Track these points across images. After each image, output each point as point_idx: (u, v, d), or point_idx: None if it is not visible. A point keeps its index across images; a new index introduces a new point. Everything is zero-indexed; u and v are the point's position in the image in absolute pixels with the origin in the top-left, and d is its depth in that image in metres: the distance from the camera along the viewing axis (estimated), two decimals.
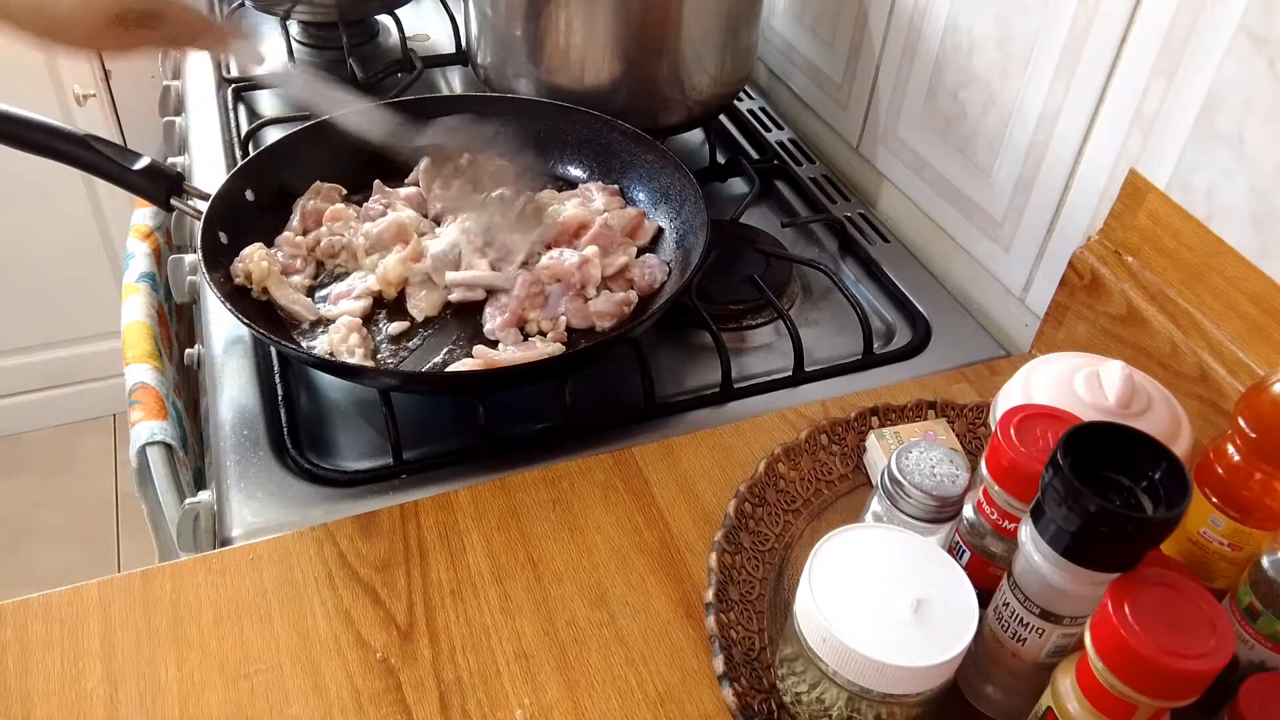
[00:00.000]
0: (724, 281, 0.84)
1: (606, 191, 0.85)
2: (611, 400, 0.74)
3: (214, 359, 0.76)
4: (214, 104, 1.08)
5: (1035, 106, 0.77)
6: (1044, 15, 0.74)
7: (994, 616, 0.50)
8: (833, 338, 0.82)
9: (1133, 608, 0.41)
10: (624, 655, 0.56)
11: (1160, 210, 0.67)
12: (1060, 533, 0.44)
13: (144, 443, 0.77)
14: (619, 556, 0.61)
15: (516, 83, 0.94)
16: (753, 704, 0.52)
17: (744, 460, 0.67)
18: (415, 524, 0.62)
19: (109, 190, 1.43)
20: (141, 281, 0.95)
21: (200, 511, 0.69)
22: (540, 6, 0.88)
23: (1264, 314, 0.61)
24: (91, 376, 1.96)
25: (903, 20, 0.91)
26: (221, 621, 0.56)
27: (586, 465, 0.66)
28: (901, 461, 0.53)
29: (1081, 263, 0.73)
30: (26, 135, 0.73)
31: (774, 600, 0.58)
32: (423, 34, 1.23)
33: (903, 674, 0.45)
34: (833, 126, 1.06)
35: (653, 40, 0.90)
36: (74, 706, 0.52)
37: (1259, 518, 0.50)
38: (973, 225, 0.87)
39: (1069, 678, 0.44)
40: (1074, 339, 0.75)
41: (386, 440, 0.68)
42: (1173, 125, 0.66)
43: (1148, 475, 0.44)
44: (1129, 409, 0.54)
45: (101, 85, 1.61)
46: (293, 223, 0.81)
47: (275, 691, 0.53)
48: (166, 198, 0.76)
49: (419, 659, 0.55)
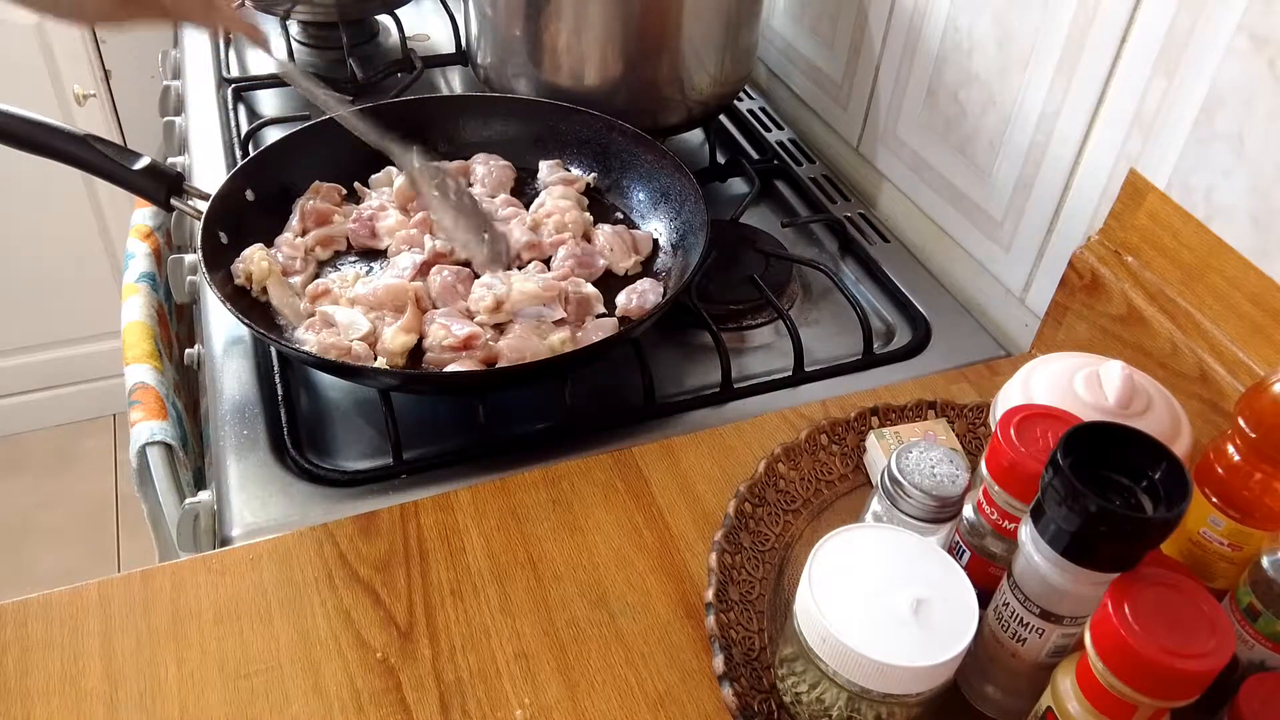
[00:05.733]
0: (724, 281, 0.84)
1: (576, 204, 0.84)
2: (611, 400, 0.74)
3: (214, 359, 0.76)
4: (214, 104, 1.08)
5: (1035, 106, 0.77)
6: (1044, 15, 0.74)
7: (994, 616, 0.50)
8: (833, 338, 0.82)
9: (1133, 608, 0.40)
10: (624, 655, 0.56)
11: (1160, 210, 0.67)
12: (1060, 533, 0.44)
13: (144, 443, 0.77)
14: (619, 556, 0.61)
15: (516, 83, 0.94)
16: (753, 704, 0.52)
17: (744, 460, 0.67)
18: (415, 524, 0.62)
19: (109, 190, 1.43)
20: (141, 281, 0.95)
21: (200, 511, 0.69)
22: (540, 6, 0.88)
23: (1264, 314, 0.61)
24: (91, 376, 1.96)
25: (903, 20, 0.91)
26: (221, 621, 0.56)
27: (586, 465, 0.66)
28: (901, 461, 0.53)
29: (1081, 263, 0.73)
30: (26, 135, 0.73)
31: (774, 600, 0.58)
32: (423, 34, 1.23)
33: (903, 674, 0.45)
34: (833, 126, 1.06)
35: (653, 40, 0.90)
36: (74, 706, 0.52)
37: (1259, 518, 0.50)
38: (973, 225, 0.87)
39: (1069, 678, 0.44)
40: (1074, 339, 0.75)
41: (386, 440, 0.68)
42: (1173, 125, 0.66)
43: (1148, 475, 0.44)
44: (1129, 409, 0.54)
45: (101, 85, 1.61)
46: (292, 223, 0.81)
47: (275, 691, 0.53)
48: (166, 198, 0.76)
49: (419, 659, 0.55)
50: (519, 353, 0.70)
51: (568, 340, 0.72)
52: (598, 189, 0.89)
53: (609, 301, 0.78)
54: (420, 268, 0.77)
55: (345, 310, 0.74)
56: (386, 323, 0.72)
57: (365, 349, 0.71)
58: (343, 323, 0.72)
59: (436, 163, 0.80)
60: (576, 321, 0.75)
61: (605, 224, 0.84)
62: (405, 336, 0.71)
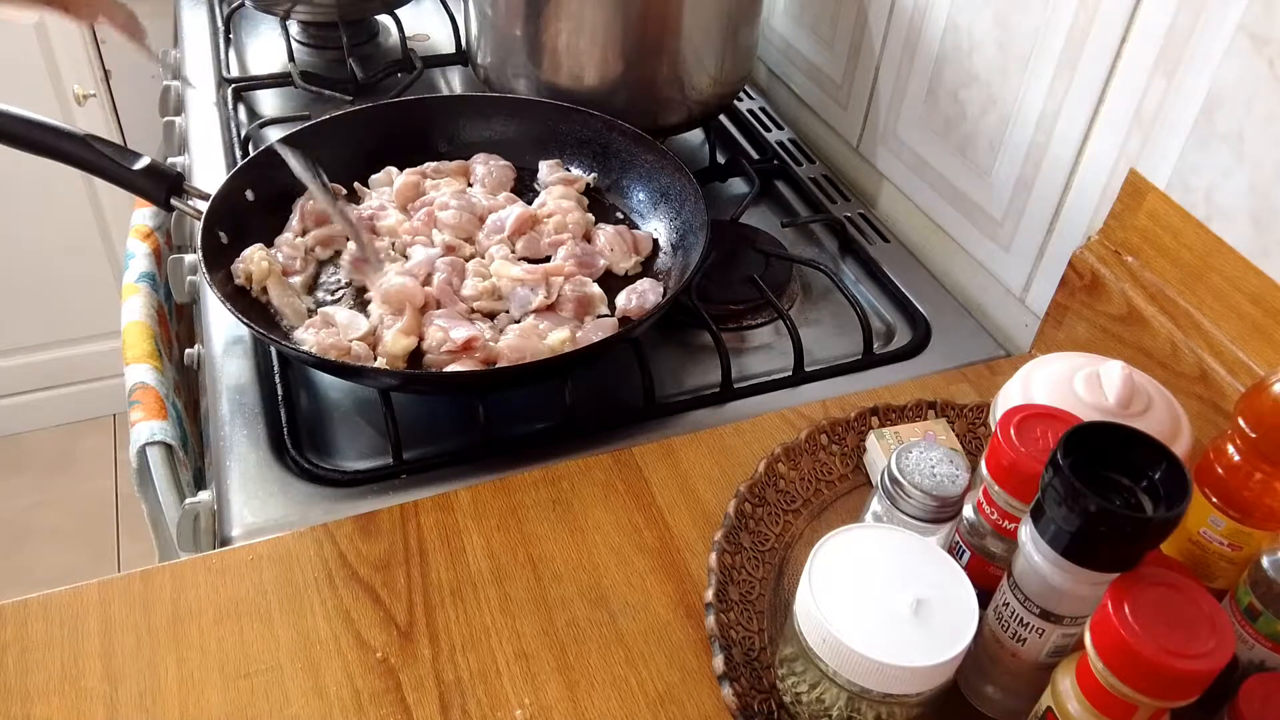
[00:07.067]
0: (724, 281, 0.84)
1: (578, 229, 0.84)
2: (611, 400, 0.74)
3: (214, 359, 0.76)
4: (214, 104, 1.08)
5: (1035, 106, 0.77)
6: (1044, 15, 0.74)
7: (994, 616, 0.50)
8: (833, 338, 0.82)
9: (1133, 608, 0.40)
10: (624, 655, 0.56)
11: (1160, 210, 0.67)
12: (1060, 533, 0.44)
13: (144, 443, 0.77)
14: (619, 556, 0.61)
15: (516, 83, 0.94)
16: (753, 704, 0.52)
17: (744, 460, 0.67)
18: (415, 524, 0.62)
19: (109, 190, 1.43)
20: (141, 281, 0.95)
21: (200, 511, 0.69)
22: (540, 6, 0.88)
23: (1264, 314, 0.61)
24: (91, 376, 1.96)
25: (903, 20, 0.91)
26: (221, 621, 0.56)
27: (586, 465, 0.66)
28: (901, 461, 0.53)
29: (1081, 263, 0.73)
30: (26, 135, 0.73)
31: (774, 600, 0.58)
32: (423, 34, 1.23)
33: (903, 674, 0.45)
34: (833, 126, 1.06)
35: (653, 40, 0.90)
36: (74, 706, 0.52)
37: (1259, 518, 0.50)
38: (973, 225, 0.87)
39: (1069, 678, 0.44)
40: (1074, 339, 0.75)
41: (386, 440, 0.68)
42: (1173, 125, 0.66)
43: (1148, 475, 0.44)
44: (1129, 409, 0.54)
45: (101, 85, 1.61)
46: (292, 223, 0.81)
47: (275, 691, 0.53)
48: (166, 198, 0.76)
49: (419, 659, 0.55)
50: (519, 353, 0.70)
51: (568, 340, 0.72)
52: (598, 189, 0.89)
53: (609, 301, 0.78)
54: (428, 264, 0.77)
55: (345, 310, 0.74)
56: (386, 325, 0.72)
57: (365, 349, 0.71)
58: (343, 323, 0.72)
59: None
60: (577, 321, 0.75)
61: (605, 224, 0.84)
62: (406, 339, 0.71)
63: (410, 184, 0.85)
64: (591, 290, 0.77)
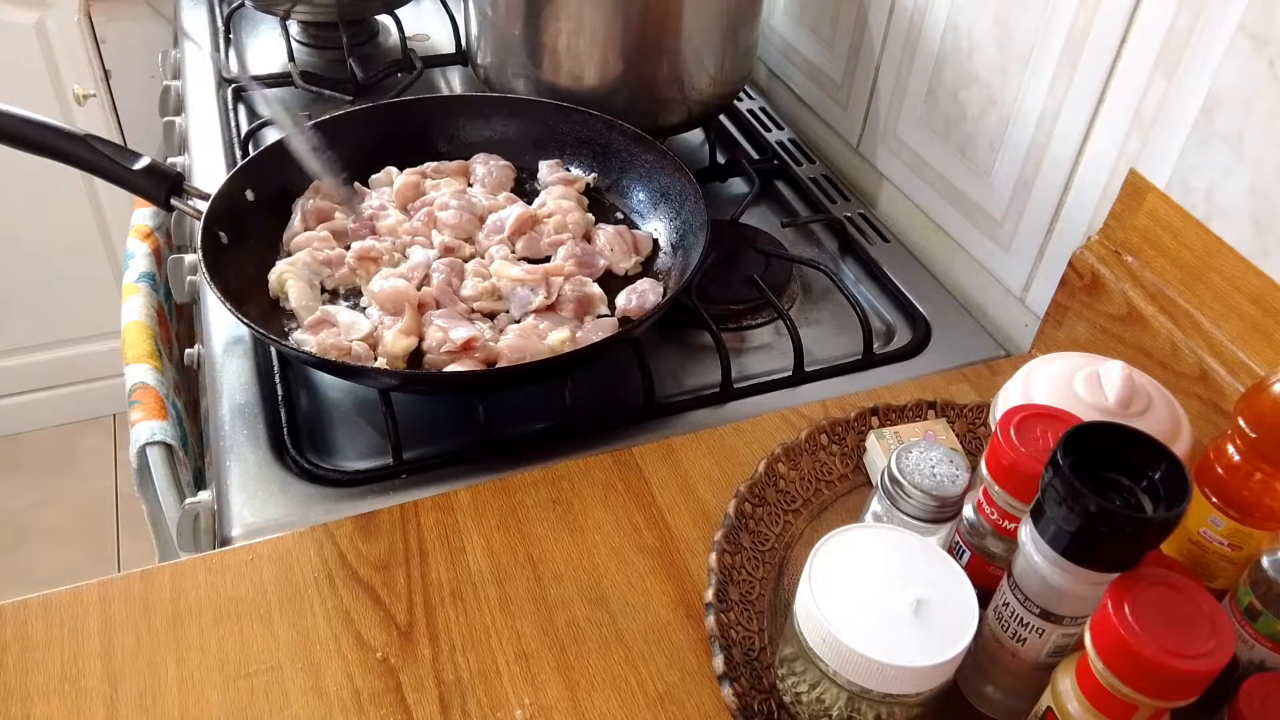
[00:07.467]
0: (724, 281, 0.84)
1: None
2: (611, 400, 0.74)
3: (214, 359, 0.76)
4: (214, 104, 1.08)
5: (1035, 106, 0.77)
6: (1044, 15, 0.74)
7: (994, 616, 0.50)
8: (833, 338, 0.82)
9: (1133, 608, 0.40)
10: (624, 655, 0.56)
11: (1160, 210, 0.67)
12: (1060, 533, 0.44)
13: (144, 443, 0.77)
14: (619, 556, 0.61)
15: (516, 83, 0.94)
16: (753, 704, 0.52)
17: (744, 460, 0.67)
18: (415, 524, 0.62)
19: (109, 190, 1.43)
20: (141, 281, 0.95)
21: (200, 511, 0.69)
22: (540, 6, 0.88)
23: (1264, 314, 0.61)
24: (91, 376, 1.96)
25: (903, 20, 0.91)
26: (221, 621, 0.56)
27: (586, 465, 0.66)
28: (901, 461, 0.53)
29: (1081, 263, 0.73)
30: (26, 135, 0.73)
31: (774, 600, 0.58)
32: (423, 34, 1.23)
33: (903, 674, 0.45)
34: (833, 126, 1.06)
35: (653, 40, 0.90)
36: (74, 706, 0.52)
37: (1259, 518, 0.50)
38: (973, 225, 0.87)
39: (1069, 678, 0.44)
40: (1074, 339, 0.75)
41: (386, 440, 0.68)
42: (1173, 125, 0.66)
43: (1148, 475, 0.44)
44: (1129, 409, 0.54)
45: (101, 85, 1.61)
46: (294, 223, 0.81)
47: (275, 691, 0.53)
48: (166, 198, 0.76)
49: (419, 659, 0.55)
50: (519, 353, 0.70)
51: (568, 340, 0.72)
52: (598, 189, 0.89)
53: (609, 302, 0.78)
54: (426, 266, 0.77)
55: (346, 310, 0.74)
56: (386, 325, 0.72)
57: (365, 349, 0.71)
58: (344, 323, 0.72)
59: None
60: (577, 321, 0.75)
61: (605, 224, 0.84)
62: (406, 340, 0.71)
63: (410, 184, 0.85)
64: (591, 290, 0.77)
